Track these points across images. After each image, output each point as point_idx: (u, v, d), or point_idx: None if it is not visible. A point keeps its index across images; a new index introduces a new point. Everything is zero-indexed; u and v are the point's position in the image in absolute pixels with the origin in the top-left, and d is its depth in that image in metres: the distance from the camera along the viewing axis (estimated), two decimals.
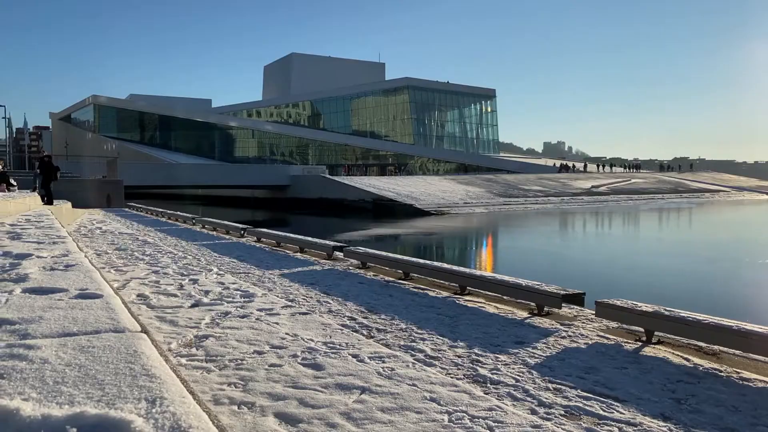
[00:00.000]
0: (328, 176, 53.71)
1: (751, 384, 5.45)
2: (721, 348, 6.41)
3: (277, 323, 6.90)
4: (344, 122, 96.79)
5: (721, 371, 5.80)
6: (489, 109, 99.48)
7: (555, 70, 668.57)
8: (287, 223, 38.96)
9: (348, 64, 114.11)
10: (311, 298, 9.36)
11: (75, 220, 23.79)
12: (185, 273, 10.65)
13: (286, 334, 6.42)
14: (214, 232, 21.43)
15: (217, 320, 6.99)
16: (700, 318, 6.42)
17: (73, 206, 27.24)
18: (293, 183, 53.47)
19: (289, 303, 8.50)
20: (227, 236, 19.99)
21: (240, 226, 20.77)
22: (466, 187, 52.31)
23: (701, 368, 5.89)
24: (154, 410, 1.97)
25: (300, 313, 7.56)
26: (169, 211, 31.07)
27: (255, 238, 18.80)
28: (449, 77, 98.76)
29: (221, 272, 11.30)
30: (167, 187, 55.92)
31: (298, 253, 15.16)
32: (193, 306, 7.77)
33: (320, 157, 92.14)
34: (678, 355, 6.33)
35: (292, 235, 16.92)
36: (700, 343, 6.58)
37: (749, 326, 6.06)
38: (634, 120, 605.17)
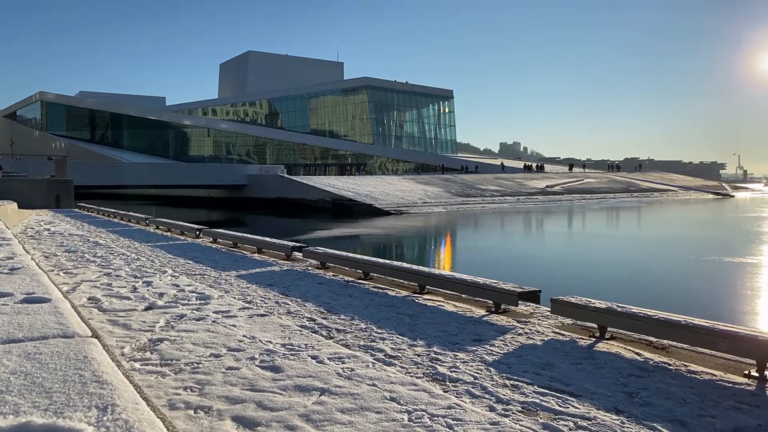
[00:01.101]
0: (286, 176, 53.22)
1: (698, 376, 5.66)
2: (671, 342, 6.63)
3: (234, 325, 6.79)
4: (302, 121, 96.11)
5: (670, 365, 6.00)
6: (447, 110, 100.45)
7: (510, 72, 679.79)
8: (244, 223, 38.44)
9: (306, 63, 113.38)
10: (269, 299, 9.25)
11: (21, 222, 22.90)
12: (139, 275, 10.38)
13: (244, 336, 6.32)
14: (169, 233, 20.96)
15: (172, 323, 6.83)
16: (651, 313, 6.63)
17: (20, 207, 26.22)
18: (250, 183, 52.77)
19: (247, 305, 8.38)
20: (182, 237, 19.58)
21: (195, 226, 20.37)
22: (425, 186, 52.67)
23: (652, 362, 6.08)
24: (105, 418, 1.90)
25: (258, 315, 7.46)
26: (121, 212, 30.24)
27: (211, 238, 18.48)
28: (407, 78, 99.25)
29: (176, 274, 11.05)
30: (119, 187, 54.45)
31: (256, 254, 14.97)
32: (147, 309, 7.58)
33: (278, 156, 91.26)
34: (630, 349, 6.52)
35: (249, 236, 16.69)
36: (651, 337, 6.80)
37: (696, 321, 6.29)
38: (587, 121, 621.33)
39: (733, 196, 77.06)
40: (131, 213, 28.63)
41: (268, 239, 15.76)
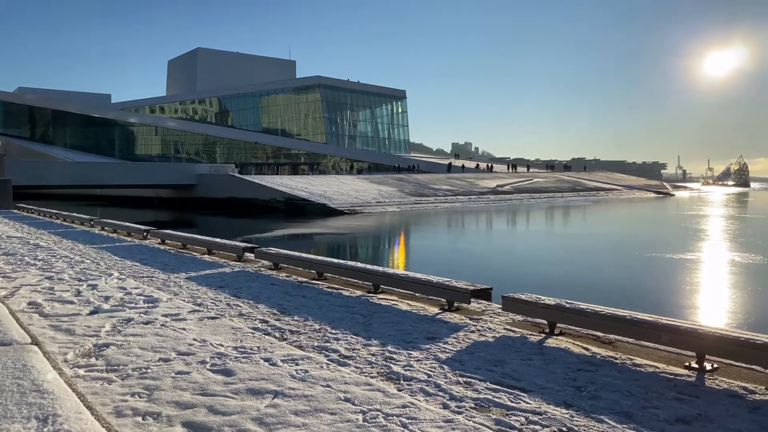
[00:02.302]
0: (237, 175, 52.32)
1: (642, 369, 5.86)
2: (617, 336, 6.85)
3: (184, 329, 6.63)
4: (254, 120, 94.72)
5: (616, 358, 6.19)
6: (400, 110, 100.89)
7: (462, 74, 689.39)
8: (194, 224, 37.63)
9: (257, 60, 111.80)
10: (220, 301, 9.08)
11: None
12: (83, 278, 10.01)
13: (194, 339, 6.19)
14: (115, 234, 20.32)
15: (118, 327, 6.62)
16: (598, 309, 6.83)
17: None
18: (200, 182, 51.65)
19: (197, 307, 8.21)
20: (129, 238, 19.02)
21: (143, 227, 19.82)
22: (379, 186, 52.79)
23: (599, 356, 6.26)
24: (45, 429, 1.82)
25: (208, 318, 7.31)
26: (64, 213, 29.11)
27: (159, 239, 18.01)
28: (360, 78, 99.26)
29: (123, 276, 10.72)
30: (62, 187, 52.39)
31: (206, 255, 14.68)
32: (91, 313, 7.32)
33: (228, 155, 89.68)
34: (578, 344, 6.70)
35: (199, 237, 16.35)
36: (598, 332, 7.00)
37: (640, 315, 6.51)
38: (535, 122, 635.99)
39: (673, 195, 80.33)
40: (74, 214, 27.61)
41: (218, 240, 15.49)
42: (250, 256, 13.84)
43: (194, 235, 16.82)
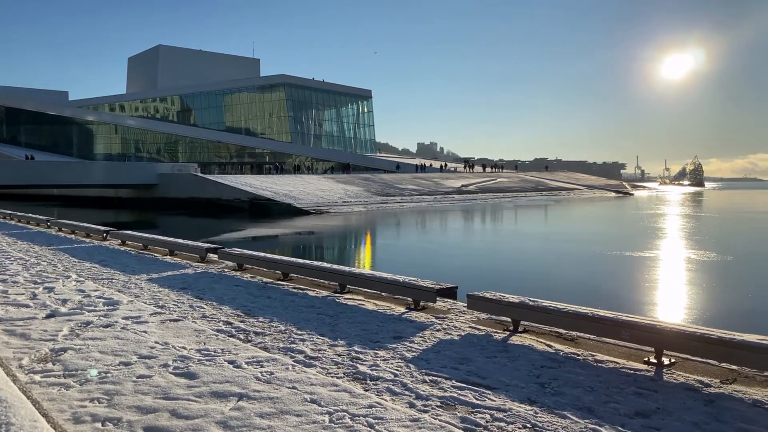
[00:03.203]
0: (200, 174, 51.46)
1: (603, 365, 5.99)
2: (579, 333, 6.99)
3: (145, 332, 6.49)
4: (217, 119, 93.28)
5: (578, 355, 6.32)
6: (365, 110, 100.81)
7: (427, 75, 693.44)
8: (156, 224, 36.86)
9: (220, 58, 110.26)
10: (183, 303, 8.92)
11: None
12: (39, 281, 9.71)
13: (156, 342, 6.06)
14: (73, 236, 19.77)
15: (77, 331, 6.44)
16: (560, 307, 6.95)
17: None
18: (161, 182, 50.60)
19: (159, 309, 8.05)
20: (88, 240, 18.53)
21: (102, 228, 19.33)
22: (345, 186, 52.65)
23: (562, 353, 6.37)
24: None
25: (171, 320, 7.17)
26: (19, 213, 28.17)
27: (119, 240, 17.60)
28: (326, 78, 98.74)
29: (81, 279, 10.43)
30: (17, 186, 50.69)
31: (168, 256, 14.41)
32: (48, 317, 7.10)
33: (191, 154, 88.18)
34: (541, 342, 6.81)
35: (160, 237, 16.03)
36: (561, 329, 7.13)
37: (601, 312, 6.66)
38: (500, 123, 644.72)
39: (632, 194, 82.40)
40: (30, 214, 26.75)
41: (180, 241, 15.23)
42: (213, 256, 13.64)
43: (156, 236, 16.49)
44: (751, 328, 6.53)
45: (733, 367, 5.79)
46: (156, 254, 14.82)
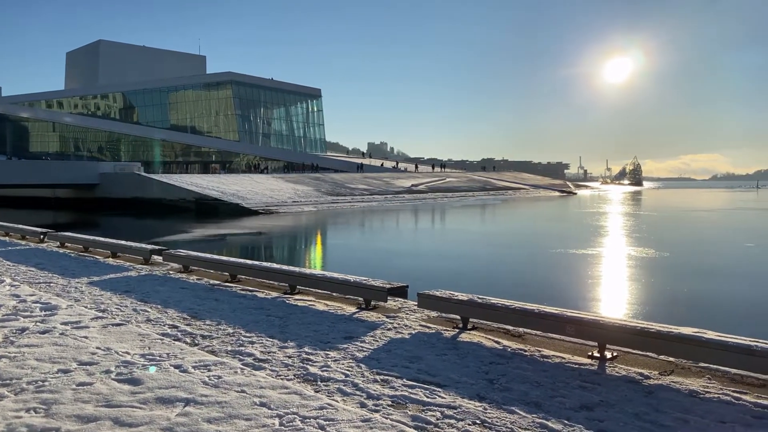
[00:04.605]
0: (143, 174, 49.98)
1: (549, 360, 6.14)
2: (526, 329, 7.14)
3: (86, 337, 6.25)
4: (161, 116, 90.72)
5: (525, 351, 6.45)
6: (315, 109, 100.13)
7: (377, 75, 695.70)
8: (97, 225, 35.57)
9: (164, 55, 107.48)
10: (126, 307, 8.64)
11: None
12: None
13: (98, 348, 5.84)
14: (7, 238, 18.86)
15: (11, 338, 6.14)
16: (508, 303, 7.09)
17: None
18: (103, 181, 48.85)
19: (101, 314, 7.76)
20: (23, 242, 17.72)
21: (39, 230, 18.51)
22: (295, 185, 52.17)
23: (509, 349, 6.50)
24: None
25: (113, 325, 6.93)
26: None
27: (58, 243, 16.90)
28: (275, 77, 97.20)
29: (16, 283, 9.96)
30: None
31: (110, 259, 13.93)
32: None
33: (134, 153, 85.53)
34: (490, 338, 6.93)
35: (102, 239, 15.48)
36: (508, 326, 7.27)
37: (547, 308, 6.83)
38: (449, 124, 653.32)
39: (575, 194, 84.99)
40: None
41: (123, 242, 14.76)
42: (158, 258, 13.27)
43: (97, 238, 15.90)
44: (688, 321, 6.84)
45: (671, 359, 6.04)
46: (97, 256, 14.31)
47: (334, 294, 9.26)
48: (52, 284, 10.42)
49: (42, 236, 17.90)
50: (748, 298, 13.15)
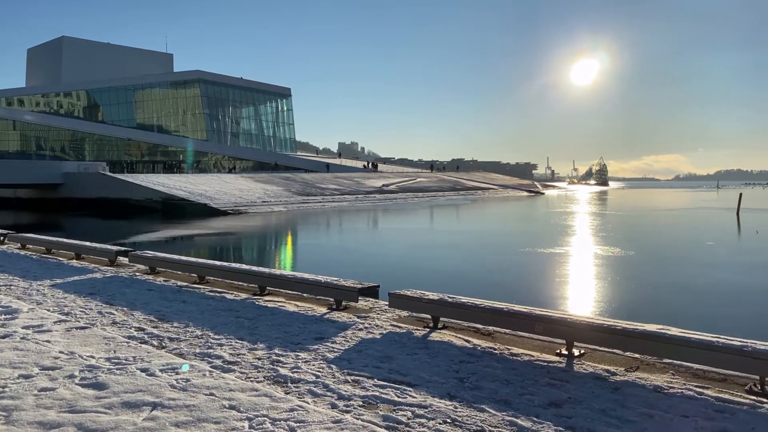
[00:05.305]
0: (108, 173, 48.94)
1: (518, 358, 6.21)
2: (495, 328, 7.21)
3: (48, 341, 6.09)
4: (127, 115, 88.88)
5: (495, 349, 6.51)
6: (285, 108, 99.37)
7: (348, 75, 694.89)
8: (61, 226, 34.68)
9: (130, 52, 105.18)
10: (91, 309, 8.44)
11: None
12: None
13: (60, 352, 5.70)
14: None
15: None
16: (477, 303, 7.15)
17: None
18: (67, 181, 47.68)
19: (64, 317, 7.57)
20: None
21: None
22: (264, 185, 51.69)
23: (479, 348, 6.55)
24: None
25: (77, 328, 6.76)
26: None
27: (19, 244, 16.43)
28: (244, 75, 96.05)
29: None
30: None
31: (74, 260, 13.60)
32: None
33: (99, 152, 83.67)
34: (460, 337, 6.97)
35: (65, 240, 15.11)
36: (478, 325, 7.33)
37: (516, 307, 6.90)
38: (417, 124, 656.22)
39: (543, 194, 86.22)
40: None
41: (87, 243, 14.44)
42: (123, 260, 13.01)
43: (60, 239, 15.51)
44: (652, 318, 6.99)
45: (636, 355, 6.17)
46: (61, 258, 13.95)
47: (305, 295, 9.21)
48: (12, 287, 10.13)
49: (2, 238, 17.39)
50: (711, 293, 13.52)
